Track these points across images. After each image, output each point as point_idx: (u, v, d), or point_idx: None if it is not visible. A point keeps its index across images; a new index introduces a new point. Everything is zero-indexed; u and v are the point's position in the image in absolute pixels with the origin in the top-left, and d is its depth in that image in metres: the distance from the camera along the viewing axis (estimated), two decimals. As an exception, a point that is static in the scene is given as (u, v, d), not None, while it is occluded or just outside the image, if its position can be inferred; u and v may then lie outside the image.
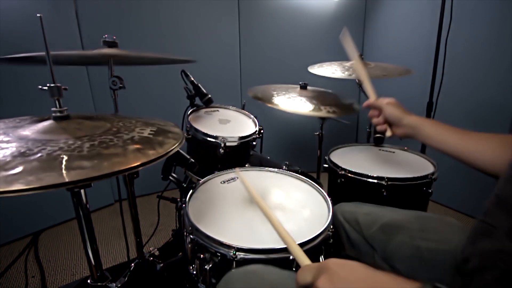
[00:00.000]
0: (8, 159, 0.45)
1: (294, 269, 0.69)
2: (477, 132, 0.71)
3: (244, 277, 0.60)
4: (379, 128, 0.86)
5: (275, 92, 1.39)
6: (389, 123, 0.85)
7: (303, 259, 0.53)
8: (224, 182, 1.01)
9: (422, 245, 0.72)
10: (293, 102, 1.34)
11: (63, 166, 0.44)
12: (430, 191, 1.14)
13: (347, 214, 0.89)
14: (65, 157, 0.46)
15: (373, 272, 0.42)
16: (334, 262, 0.45)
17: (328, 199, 0.88)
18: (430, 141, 0.77)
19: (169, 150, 0.55)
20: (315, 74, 1.49)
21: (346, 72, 1.40)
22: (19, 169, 0.42)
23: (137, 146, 0.55)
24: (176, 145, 0.59)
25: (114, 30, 1.35)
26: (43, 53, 0.61)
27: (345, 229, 0.88)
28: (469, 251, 0.53)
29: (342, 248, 0.90)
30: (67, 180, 0.41)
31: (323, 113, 1.29)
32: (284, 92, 1.43)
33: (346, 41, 0.94)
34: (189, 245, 0.77)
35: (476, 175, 1.97)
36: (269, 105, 1.28)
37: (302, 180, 1.03)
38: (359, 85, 1.55)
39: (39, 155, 0.47)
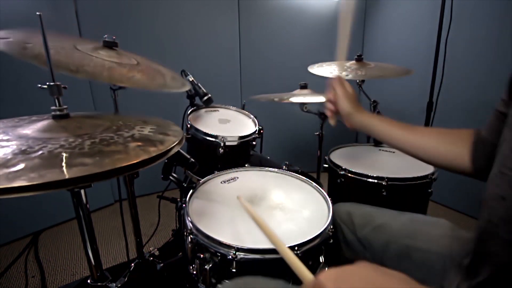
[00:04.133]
0: (9, 157, 0.45)
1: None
2: (423, 127, 0.76)
3: None
4: (328, 113, 0.89)
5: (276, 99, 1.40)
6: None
7: (306, 274, 0.48)
8: (224, 182, 1.01)
9: (411, 245, 0.73)
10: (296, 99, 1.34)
11: (65, 163, 0.44)
12: (430, 191, 1.15)
13: (343, 215, 0.90)
14: (67, 154, 0.46)
15: (372, 275, 0.40)
16: (326, 276, 0.42)
17: (328, 199, 0.88)
18: (377, 137, 0.80)
19: (170, 147, 0.55)
20: (315, 74, 1.49)
21: (344, 72, 1.40)
22: (20, 166, 0.42)
23: (138, 143, 0.55)
24: (177, 142, 0.59)
25: (114, 30, 1.35)
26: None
27: (342, 230, 0.89)
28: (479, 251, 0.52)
29: (340, 249, 0.90)
30: (69, 176, 0.41)
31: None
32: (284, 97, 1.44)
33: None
34: (189, 245, 0.77)
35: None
36: (276, 100, 1.28)
37: (302, 180, 1.03)
38: (359, 85, 1.55)
39: (40, 152, 0.47)
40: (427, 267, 0.69)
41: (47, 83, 0.62)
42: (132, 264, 1.06)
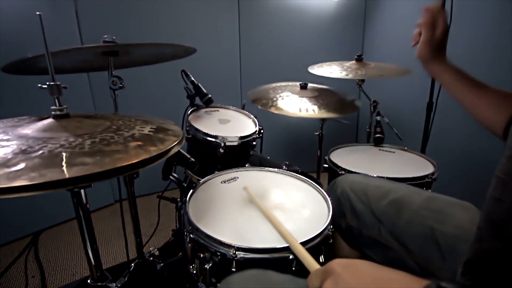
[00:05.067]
0: (9, 157, 0.45)
1: (294, 268, 0.69)
2: (487, 88, 0.73)
3: (242, 281, 0.60)
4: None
5: (275, 95, 1.39)
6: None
7: (313, 264, 0.52)
8: (224, 182, 1.01)
9: (437, 228, 0.69)
10: (294, 104, 1.34)
11: (65, 162, 0.44)
12: (430, 191, 1.15)
13: (355, 184, 0.88)
14: (67, 154, 0.47)
15: (380, 271, 0.41)
16: (338, 263, 0.43)
17: (328, 199, 0.88)
18: (447, 89, 0.80)
19: (171, 146, 0.55)
20: (315, 74, 1.50)
21: (344, 72, 1.40)
22: (21, 165, 0.42)
23: (138, 143, 0.55)
24: (177, 141, 0.59)
25: (114, 30, 1.35)
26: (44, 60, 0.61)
27: (350, 199, 0.87)
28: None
29: (343, 217, 0.89)
30: (69, 176, 0.41)
31: (325, 114, 1.30)
32: (282, 94, 1.43)
33: None
34: (189, 245, 0.77)
35: (476, 175, 1.97)
36: (273, 110, 1.28)
37: (302, 180, 1.03)
38: (359, 85, 1.56)
39: (40, 152, 0.47)
40: (457, 257, 0.64)
41: (47, 83, 0.62)
42: (132, 264, 1.06)
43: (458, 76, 0.77)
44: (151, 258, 1.12)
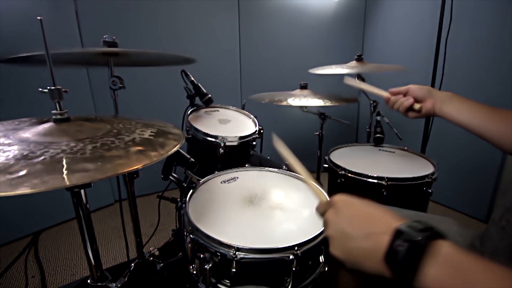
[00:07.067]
0: (11, 162, 0.45)
1: (294, 268, 0.69)
2: (504, 110, 0.73)
3: None
4: (407, 103, 0.85)
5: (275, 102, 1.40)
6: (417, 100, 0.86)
7: (322, 197, 0.62)
8: (224, 182, 1.01)
9: None
10: (297, 101, 1.35)
11: (67, 168, 0.44)
12: (430, 191, 1.15)
13: None
14: (68, 160, 0.46)
15: (371, 207, 0.49)
16: (340, 199, 0.53)
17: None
18: (458, 116, 0.79)
19: (171, 151, 0.56)
20: (315, 75, 1.50)
21: (345, 68, 1.41)
22: (23, 172, 0.43)
23: (139, 147, 0.55)
24: (177, 146, 0.59)
25: (114, 30, 1.35)
26: (43, 53, 0.61)
27: None
28: None
29: None
30: (72, 183, 0.41)
31: (327, 102, 1.31)
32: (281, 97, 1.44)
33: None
34: (189, 245, 0.77)
35: (476, 175, 1.97)
36: (277, 103, 1.29)
37: (302, 180, 1.03)
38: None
39: (42, 157, 0.47)
40: None
41: (48, 87, 0.62)
42: (132, 264, 1.06)
43: (468, 100, 0.81)
44: (151, 258, 1.12)
